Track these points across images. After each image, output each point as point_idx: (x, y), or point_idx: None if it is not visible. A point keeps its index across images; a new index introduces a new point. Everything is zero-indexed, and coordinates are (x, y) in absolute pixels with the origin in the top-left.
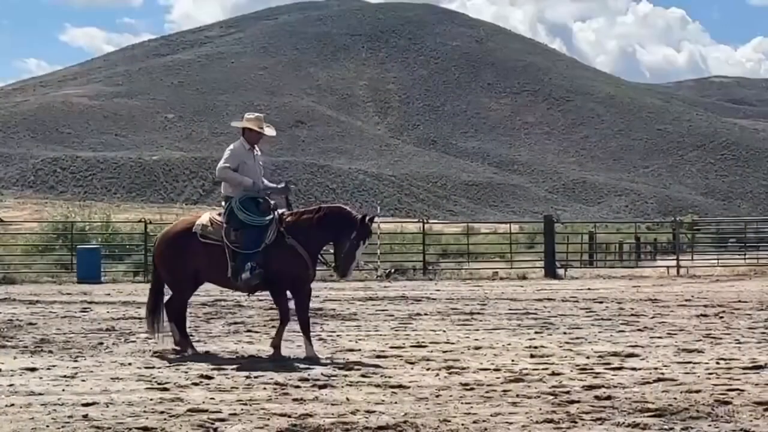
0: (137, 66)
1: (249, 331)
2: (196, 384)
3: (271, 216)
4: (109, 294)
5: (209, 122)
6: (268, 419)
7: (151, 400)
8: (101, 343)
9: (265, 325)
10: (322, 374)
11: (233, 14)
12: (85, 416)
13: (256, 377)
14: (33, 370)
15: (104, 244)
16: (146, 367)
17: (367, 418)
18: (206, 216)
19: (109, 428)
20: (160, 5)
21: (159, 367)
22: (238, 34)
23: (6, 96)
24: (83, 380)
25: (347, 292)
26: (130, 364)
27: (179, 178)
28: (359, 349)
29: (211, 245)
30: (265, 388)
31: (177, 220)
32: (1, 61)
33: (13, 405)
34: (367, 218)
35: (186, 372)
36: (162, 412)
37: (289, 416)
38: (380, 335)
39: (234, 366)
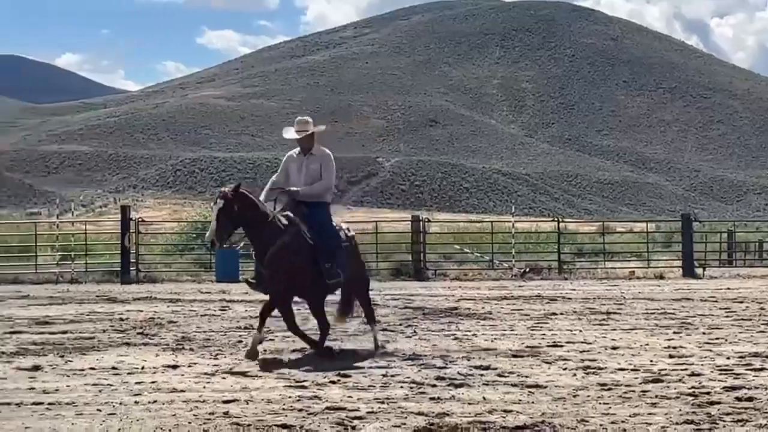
0: (273, 67)
1: (385, 329)
2: (333, 382)
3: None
4: (246, 293)
5: (344, 122)
6: (406, 418)
7: (289, 397)
8: (240, 341)
9: (400, 324)
10: (458, 373)
11: (367, 15)
12: (226, 413)
13: (392, 376)
14: (175, 367)
15: (242, 243)
16: (285, 365)
17: (504, 417)
18: None
19: (249, 425)
20: (296, 7)
21: (297, 365)
22: (372, 34)
23: (146, 98)
24: (223, 378)
25: (482, 291)
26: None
27: None
28: (495, 349)
29: None
30: (401, 387)
31: None
32: (141, 64)
33: (155, 401)
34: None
35: (324, 370)
36: (300, 410)
37: (426, 415)
38: (516, 334)
39: (370, 364)
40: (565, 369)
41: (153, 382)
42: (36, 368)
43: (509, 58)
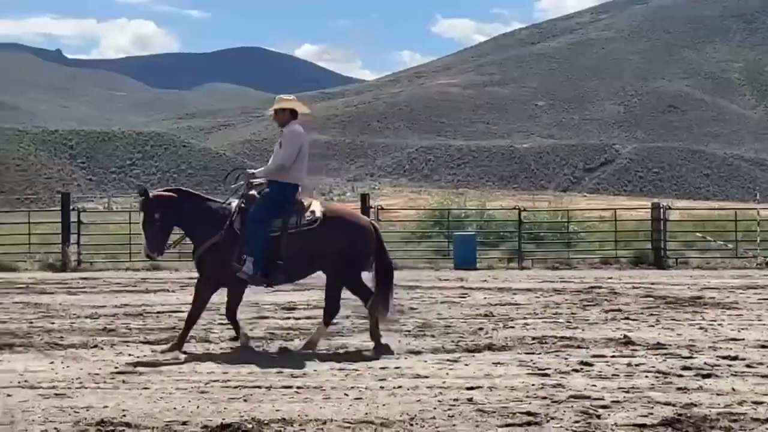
0: (508, 54)
1: (627, 318)
2: (576, 370)
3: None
4: (485, 280)
5: (580, 109)
6: (652, 407)
7: (533, 385)
8: (481, 329)
9: (642, 313)
10: (705, 363)
11: (603, 0)
12: (470, 399)
13: (637, 365)
14: (417, 353)
15: (479, 231)
16: (526, 353)
17: (755, 409)
18: None
19: (494, 412)
20: None
21: (539, 353)
22: (609, 19)
23: (383, 87)
24: (466, 364)
25: (726, 280)
26: (510, 349)
27: (550, 166)
28: (742, 339)
29: None
30: (647, 376)
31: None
32: (377, 54)
33: (400, 387)
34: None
35: (566, 358)
36: (544, 398)
37: (674, 405)
38: (764, 325)
39: (613, 353)
40: None
41: (397, 368)
42: (284, 352)
43: (752, 41)
